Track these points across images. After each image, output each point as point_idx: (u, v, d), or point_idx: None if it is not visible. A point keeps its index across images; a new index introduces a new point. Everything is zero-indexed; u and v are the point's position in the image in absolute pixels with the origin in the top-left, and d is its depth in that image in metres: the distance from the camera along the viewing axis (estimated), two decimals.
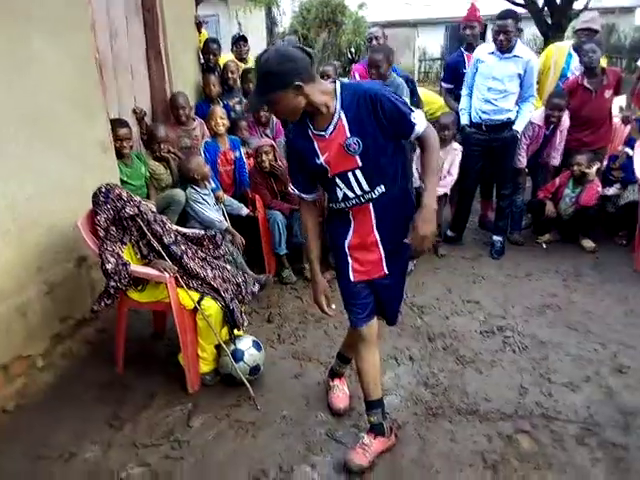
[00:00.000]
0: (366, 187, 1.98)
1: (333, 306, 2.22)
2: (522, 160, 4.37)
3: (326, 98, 1.90)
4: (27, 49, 2.70)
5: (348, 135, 1.91)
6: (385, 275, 2.12)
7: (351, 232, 2.09)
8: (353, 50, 16.33)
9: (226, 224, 3.67)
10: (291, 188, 2.18)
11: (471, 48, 4.44)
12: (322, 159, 1.96)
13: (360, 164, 1.94)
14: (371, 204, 2.02)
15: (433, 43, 17.96)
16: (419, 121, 1.95)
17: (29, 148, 2.72)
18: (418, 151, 4.13)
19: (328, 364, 2.78)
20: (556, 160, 4.48)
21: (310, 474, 2.16)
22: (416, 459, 2.22)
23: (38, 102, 2.77)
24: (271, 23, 17.01)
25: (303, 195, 2.13)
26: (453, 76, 4.66)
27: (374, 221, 2.05)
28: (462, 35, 4.73)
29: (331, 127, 1.92)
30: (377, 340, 2.26)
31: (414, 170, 4.05)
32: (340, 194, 2.01)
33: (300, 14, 16.83)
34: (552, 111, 4.18)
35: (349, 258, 2.11)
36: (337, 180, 1.99)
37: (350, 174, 1.96)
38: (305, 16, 16.31)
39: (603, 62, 4.56)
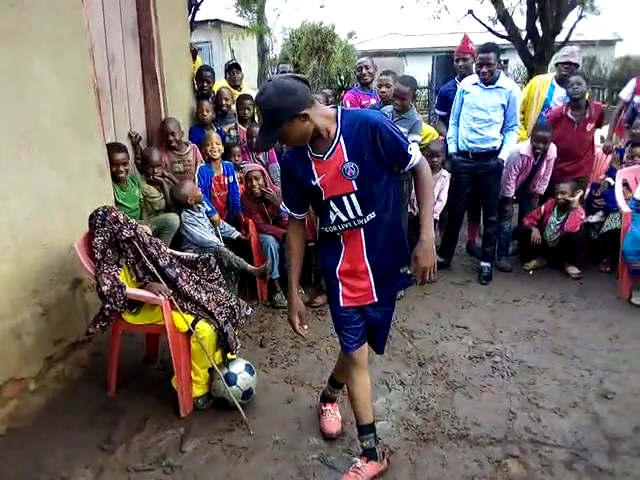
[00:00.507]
0: (360, 212, 2.03)
1: (306, 327, 2.26)
2: (510, 190, 4.50)
3: (327, 122, 1.95)
4: (29, 70, 2.76)
5: (346, 160, 1.96)
6: (375, 303, 2.17)
7: (342, 258, 2.13)
8: (342, 78, 16.68)
9: (222, 244, 3.73)
10: (282, 206, 2.23)
11: (464, 78, 4.60)
12: (318, 181, 2.00)
13: (356, 189, 1.99)
14: (362, 230, 2.06)
15: (421, 72, 18.38)
16: (415, 153, 2.02)
17: (30, 167, 2.77)
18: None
19: (320, 389, 2.80)
20: (541, 189, 4.62)
21: None
22: None
23: (39, 122, 2.83)
24: (263, 50, 17.33)
25: (293, 214, 2.18)
26: (446, 104, 4.80)
27: (364, 247, 2.09)
28: (455, 67, 4.89)
29: (330, 150, 1.97)
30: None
31: (414, 201, 4.15)
32: (333, 217, 2.06)
33: (291, 42, 17.19)
34: (537, 143, 4.32)
35: (339, 283, 2.15)
36: (331, 203, 2.03)
37: (345, 198, 2.01)
38: (296, 44, 16.65)
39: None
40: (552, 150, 4.41)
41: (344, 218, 2.04)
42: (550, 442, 2.47)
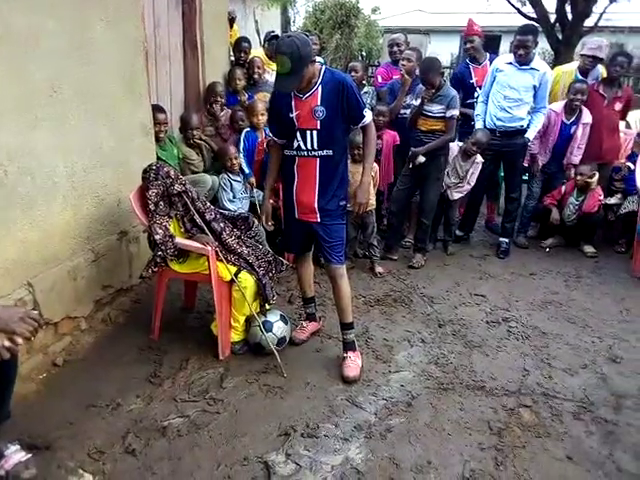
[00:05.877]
0: (315, 146, 2.62)
1: (270, 223, 2.98)
2: (533, 147, 4.60)
3: (315, 74, 2.57)
4: (90, 34, 2.93)
5: (318, 103, 2.58)
6: (318, 222, 2.76)
7: (296, 185, 2.74)
8: (364, 53, 16.62)
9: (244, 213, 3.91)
10: (268, 134, 2.84)
11: (474, 60, 4.73)
12: (294, 114, 2.61)
13: (319, 127, 2.59)
14: (318, 162, 2.64)
15: (445, 52, 18.21)
16: (367, 114, 2.69)
17: (88, 125, 2.96)
18: (452, 156, 4.36)
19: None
20: (577, 158, 4.63)
21: (334, 430, 2.41)
22: (429, 424, 2.47)
23: (97, 84, 3.02)
24: (286, 22, 17.26)
25: (275, 138, 2.82)
26: (459, 85, 4.83)
27: (317, 177, 2.67)
28: (464, 49, 5.00)
29: (309, 93, 2.58)
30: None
31: (445, 175, 4.30)
32: (296, 144, 2.66)
33: (313, 14, 17.09)
34: (575, 95, 4.41)
35: (295, 204, 2.79)
36: (298, 134, 2.63)
37: (308, 132, 2.61)
38: (318, 17, 16.55)
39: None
40: (587, 114, 4.49)
41: (303, 147, 2.65)
42: (560, 396, 2.69)
